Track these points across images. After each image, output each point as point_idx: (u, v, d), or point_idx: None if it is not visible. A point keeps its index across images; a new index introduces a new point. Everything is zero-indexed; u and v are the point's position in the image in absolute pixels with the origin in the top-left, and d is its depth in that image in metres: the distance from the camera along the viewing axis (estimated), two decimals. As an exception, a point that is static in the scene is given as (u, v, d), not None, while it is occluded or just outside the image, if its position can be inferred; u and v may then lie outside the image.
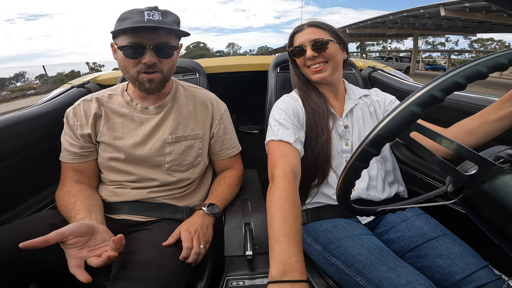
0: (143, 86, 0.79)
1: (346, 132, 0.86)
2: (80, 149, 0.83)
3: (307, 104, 0.87)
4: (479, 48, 40.74)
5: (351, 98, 0.90)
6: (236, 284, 0.73)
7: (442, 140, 0.36)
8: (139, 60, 0.75)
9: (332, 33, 0.85)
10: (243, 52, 70.25)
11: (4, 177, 0.83)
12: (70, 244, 0.61)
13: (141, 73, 0.77)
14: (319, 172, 0.83)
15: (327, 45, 0.82)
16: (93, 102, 0.85)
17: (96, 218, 0.72)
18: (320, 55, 0.83)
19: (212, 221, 0.83)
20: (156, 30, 0.74)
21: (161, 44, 0.76)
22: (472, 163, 0.38)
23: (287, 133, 0.78)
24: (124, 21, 0.74)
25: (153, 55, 0.75)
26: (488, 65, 0.33)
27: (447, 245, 0.70)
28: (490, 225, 0.40)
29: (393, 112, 0.36)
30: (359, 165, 0.40)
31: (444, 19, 13.29)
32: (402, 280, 0.61)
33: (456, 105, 0.87)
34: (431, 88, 0.34)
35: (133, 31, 0.73)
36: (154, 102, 0.86)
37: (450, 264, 0.67)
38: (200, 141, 0.90)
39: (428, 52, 44.24)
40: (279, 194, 0.65)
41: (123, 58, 0.76)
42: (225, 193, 0.91)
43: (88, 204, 0.75)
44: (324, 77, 0.84)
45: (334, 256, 0.73)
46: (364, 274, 0.66)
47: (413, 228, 0.77)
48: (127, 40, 0.74)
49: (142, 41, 0.74)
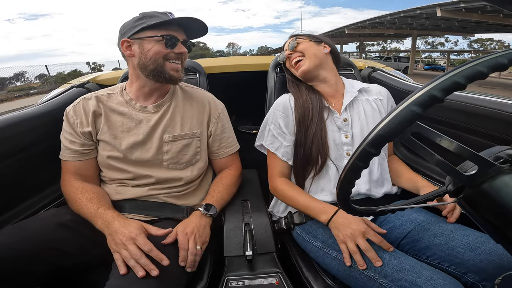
0: (167, 75, 0.82)
1: (345, 124, 0.88)
2: (81, 146, 0.83)
3: (298, 100, 0.92)
4: (478, 48, 40.83)
5: (349, 92, 0.92)
6: (236, 284, 0.73)
7: (442, 140, 0.36)
8: (171, 50, 0.81)
9: (308, 36, 0.96)
10: (243, 52, 70.31)
11: (4, 176, 0.83)
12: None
13: (170, 62, 0.81)
14: (314, 163, 0.85)
15: (297, 42, 0.94)
16: (92, 100, 0.86)
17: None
18: (294, 52, 0.94)
19: (209, 221, 0.83)
20: (182, 27, 0.83)
21: (187, 40, 0.85)
22: (472, 163, 0.38)
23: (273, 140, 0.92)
24: (153, 18, 0.79)
25: (183, 47, 0.83)
26: (488, 65, 0.33)
27: (439, 224, 0.72)
28: (490, 225, 0.40)
29: (393, 112, 0.36)
30: (359, 164, 0.40)
31: (441, 20, 13.31)
32: (406, 265, 0.62)
33: (456, 105, 0.88)
34: (431, 88, 0.34)
35: (169, 24, 0.80)
36: (153, 101, 0.88)
37: (447, 240, 0.67)
38: (198, 140, 0.90)
39: (428, 52, 44.33)
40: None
41: (155, 48, 0.79)
42: (223, 193, 0.91)
43: (103, 197, 0.81)
44: (304, 70, 0.91)
45: (334, 250, 0.74)
46: (366, 263, 0.67)
47: (402, 216, 0.79)
48: (162, 32, 0.79)
49: (175, 34, 0.81)
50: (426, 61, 39.23)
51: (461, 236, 0.66)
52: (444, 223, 0.72)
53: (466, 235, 0.66)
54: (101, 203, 0.76)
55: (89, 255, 0.73)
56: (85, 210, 0.74)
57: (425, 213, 0.78)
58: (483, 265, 0.60)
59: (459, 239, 0.66)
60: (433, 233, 0.70)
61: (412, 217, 0.77)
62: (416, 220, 0.76)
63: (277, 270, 0.76)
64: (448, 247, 0.66)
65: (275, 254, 0.81)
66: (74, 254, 0.69)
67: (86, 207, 0.75)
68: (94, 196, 0.77)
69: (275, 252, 0.82)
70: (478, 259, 0.61)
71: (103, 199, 0.79)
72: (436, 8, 11.75)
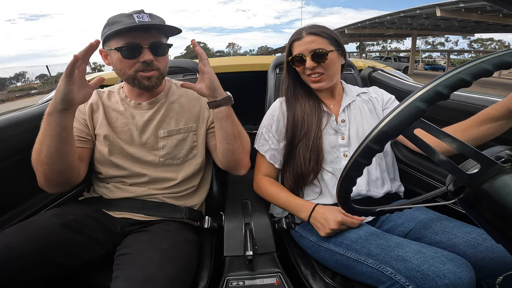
0: (142, 84, 0.80)
1: (342, 126, 0.88)
2: (77, 131, 0.82)
3: (291, 109, 0.90)
4: (478, 48, 40.80)
5: (349, 95, 0.93)
6: (236, 284, 0.73)
7: (445, 138, 0.36)
8: (137, 59, 0.77)
9: (331, 40, 0.85)
10: (243, 52, 70.23)
11: (4, 176, 0.83)
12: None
13: (139, 72, 0.79)
14: (309, 172, 0.85)
15: (326, 56, 0.83)
16: (93, 95, 0.87)
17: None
18: (319, 66, 0.84)
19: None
20: (149, 30, 0.77)
21: (156, 43, 0.78)
22: (473, 162, 0.38)
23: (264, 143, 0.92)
24: (114, 25, 0.75)
25: (150, 53, 0.77)
26: (493, 63, 0.33)
27: (441, 222, 0.72)
28: (490, 225, 0.40)
29: (398, 108, 0.36)
30: (361, 161, 0.40)
31: (441, 19, 13.32)
32: (392, 243, 0.64)
33: (456, 105, 0.88)
34: (437, 84, 0.34)
35: (128, 32, 0.74)
36: (147, 98, 0.88)
37: (449, 237, 0.67)
38: (194, 134, 0.90)
39: (428, 52, 44.28)
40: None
41: (120, 60, 0.77)
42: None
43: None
44: (322, 87, 0.87)
45: (325, 241, 0.76)
46: (353, 248, 0.69)
47: (403, 215, 0.79)
48: (122, 42, 0.75)
49: (138, 41, 0.76)
50: (426, 61, 39.19)
51: (462, 233, 0.66)
52: (445, 220, 0.72)
53: (467, 233, 0.66)
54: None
55: (92, 256, 0.73)
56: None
57: (426, 211, 0.78)
58: (485, 263, 0.60)
59: (460, 237, 0.66)
60: (435, 230, 0.70)
61: (413, 215, 0.77)
62: (417, 218, 0.76)
63: (278, 270, 0.76)
64: (449, 245, 0.66)
65: (275, 254, 0.81)
66: (77, 255, 0.69)
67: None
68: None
69: (276, 252, 0.82)
70: (479, 256, 0.61)
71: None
72: (435, 8, 11.77)
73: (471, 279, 0.54)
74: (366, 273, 0.65)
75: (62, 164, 0.71)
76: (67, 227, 0.70)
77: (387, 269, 0.60)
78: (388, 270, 0.60)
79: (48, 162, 0.69)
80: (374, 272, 0.63)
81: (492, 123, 0.68)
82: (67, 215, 0.74)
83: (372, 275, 0.63)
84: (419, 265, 0.56)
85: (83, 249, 0.71)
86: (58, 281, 0.67)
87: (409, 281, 0.56)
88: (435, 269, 0.54)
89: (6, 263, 0.58)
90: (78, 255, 0.70)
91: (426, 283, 0.53)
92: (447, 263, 0.55)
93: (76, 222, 0.73)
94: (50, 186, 0.74)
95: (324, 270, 0.77)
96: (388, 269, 0.60)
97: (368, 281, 0.66)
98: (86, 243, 0.72)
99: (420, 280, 0.54)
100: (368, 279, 0.65)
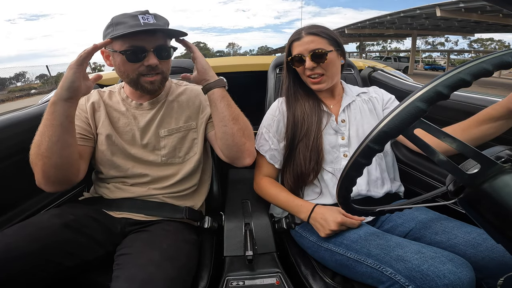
0: (144, 88, 0.80)
1: (342, 126, 0.88)
2: (79, 129, 0.81)
3: (290, 109, 0.90)
4: (478, 48, 40.79)
5: (349, 95, 0.93)
6: (236, 284, 0.73)
7: (445, 138, 0.36)
8: (141, 63, 0.76)
9: (330, 40, 0.85)
10: (243, 52, 70.24)
11: (4, 176, 0.83)
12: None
13: (142, 76, 0.78)
14: (309, 172, 0.85)
15: (325, 56, 0.83)
16: (94, 94, 0.88)
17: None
18: (318, 66, 0.84)
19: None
20: (154, 33, 0.75)
21: (161, 46, 0.77)
22: (473, 162, 0.38)
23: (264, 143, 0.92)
24: (119, 26, 0.74)
25: (155, 57, 0.76)
26: (493, 63, 0.33)
27: (440, 222, 0.72)
28: (490, 225, 0.40)
29: (398, 108, 0.36)
30: (361, 161, 0.40)
31: (441, 19, 13.32)
32: (391, 243, 0.64)
33: (456, 105, 0.88)
34: (437, 84, 0.34)
35: (134, 35, 0.72)
36: (148, 99, 0.88)
37: (449, 237, 0.67)
38: (194, 131, 0.90)
39: (428, 52, 44.27)
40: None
41: (124, 62, 0.76)
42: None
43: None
44: (322, 88, 0.87)
45: (325, 241, 0.76)
46: (353, 247, 0.69)
47: (403, 215, 0.79)
48: (126, 44, 0.74)
49: (143, 44, 0.74)
50: (427, 61, 39.18)
51: (462, 233, 0.66)
52: (445, 220, 0.72)
53: (467, 233, 0.66)
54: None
55: (92, 256, 0.73)
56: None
57: (426, 211, 0.78)
58: (485, 263, 0.60)
59: (460, 237, 0.66)
60: (435, 230, 0.70)
61: (413, 215, 0.77)
62: (417, 218, 0.76)
63: (278, 270, 0.76)
64: (449, 245, 0.66)
65: (275, 254, 0.81)
66: (77, 255, 0.69)
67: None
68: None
69: (276, 252, 0.82)
70: (480, 256, 0.61)
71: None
72: (435, 8, 11.76)
73: (471, 279, 0.54)
74: (366, 273, 0.65)
75: (63, 156, 0.69)
76: (67, 227, 0.70)
77: (387, 269, 0.60)
78: (388, 270, 0.60)
79: (48, 155, 0.68)
80: (374, 272, 0.63)
81: (492, 123, 0.68)
82: (67, 215, 0.74)
83: (372, 275, 0.63)
84: (419, 265, 0.56)
85: (83, 249, 0.71)
86: (58, 281, 0.67)
87: (409, 281, 0.56)
88: (435, 269, 0.54)
89: (6, 263, 0.58)
90: (78, 255, 0.70)
91: (426, 283, 0.53)
92: (447, 263, 0.55)
93: (76, 222, 0.73)
94: (48, 183, 0.72)
95: (324, 270, 0.77)
96: (388, 269, 0.60)
97: (368, 281, 0.66)
98: (86, 243, 0.72)
99: (420, 280, 0.54)
100: (368, 279, 0.65)
